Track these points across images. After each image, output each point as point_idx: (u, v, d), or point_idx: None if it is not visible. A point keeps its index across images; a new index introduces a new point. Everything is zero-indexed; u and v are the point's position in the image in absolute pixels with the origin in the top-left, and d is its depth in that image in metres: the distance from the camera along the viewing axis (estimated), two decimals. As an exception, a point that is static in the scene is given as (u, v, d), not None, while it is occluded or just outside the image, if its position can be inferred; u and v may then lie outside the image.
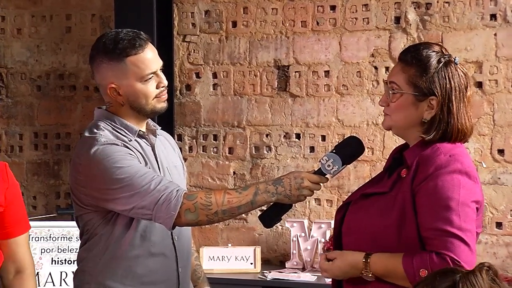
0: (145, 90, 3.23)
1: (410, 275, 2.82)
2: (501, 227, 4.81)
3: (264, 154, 5.33)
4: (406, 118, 3.01)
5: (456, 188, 2.88)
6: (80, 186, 3.25)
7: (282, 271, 4.99)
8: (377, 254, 2.91)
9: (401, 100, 3.00)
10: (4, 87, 5.84)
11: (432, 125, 2.98)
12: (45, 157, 5.83)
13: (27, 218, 3.38)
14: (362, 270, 2.92)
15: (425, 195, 2.90)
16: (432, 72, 2.97)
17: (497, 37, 4.81)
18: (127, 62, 3.21)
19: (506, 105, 4.80)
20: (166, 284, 3.31)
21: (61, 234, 5.02)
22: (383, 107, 3.11)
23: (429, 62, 2.99)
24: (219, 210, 3.08)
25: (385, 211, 2.98)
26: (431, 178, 2.90)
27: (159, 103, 3.27)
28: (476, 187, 2.96)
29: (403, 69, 3.00)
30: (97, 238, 3.26)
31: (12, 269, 3.30)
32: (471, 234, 2.87)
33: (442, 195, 2.87)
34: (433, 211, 2.87)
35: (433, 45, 3.08)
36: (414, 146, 3.03)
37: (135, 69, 3.22)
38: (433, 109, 2.97)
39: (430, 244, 2.86)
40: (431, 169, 2.91)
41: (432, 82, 2.96)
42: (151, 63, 3.24)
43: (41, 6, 5.77)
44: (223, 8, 5.36)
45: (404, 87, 2.98)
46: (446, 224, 2.84)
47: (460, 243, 2.83)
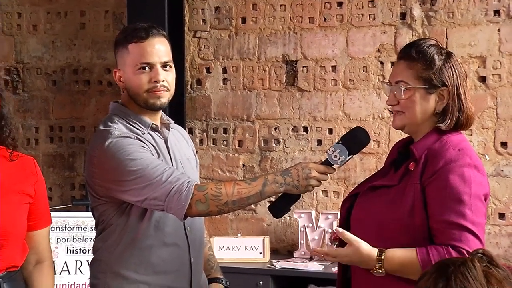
0: (136, 80, 3.21)
1: (425, 266, 2.79)
2: (504, 218, 4.82)
3: (272, 147, 5.34)
4: (420, 112, 3.02)
5: (468, 182, 2.89)
6: (95, 178, 3.26)
7: (290, 261, 5.00)
8: (391, 251, 2.89)
9: (413, 95, 3.00)
10: (21, 82, 5.86)
11: (446, 114, 3.00)
12: (60, 149, 5.84)
13: (49, 213, 3.41)
14: (375, 266, 2.91)
15: (436, 189, 2.91)
16: (439, 64, 2.99)
17: (501, 33, 4.81)
18: (129, 48, 3.23)
19: (509, 99, 4.80)
20: (179, 273, 3.32)
21: (76, 224, 5.04)
22: (388, 106, 3.13)
23: (433, 56, 3.01)
24: (229, 201, 3.08)
25: (394, 204, 2.99)
26: (442, 172, 2.91)
27: (151, 98, 3.23)
28: (484, 180, 2.98)
29: (408, 66, 3.01)
30: (112, 229, 3.27)
31: (33, 259, 3.32)
32: (482, 228, 2.90)
33: (454, 189, 2.88)
34: (446, 204, 2.88)
35: (428, 39, 3.13)
36: (421, 140, 3.04)
37: (132, 56, 3.22)
38: (444, 100, 3.00)
39: (441, 237, 2.87)
40: (441, 162, 2.92)
41: (442, 74, 2.99)
42: (149, 55, 3.21)
43: (56, 3, 5.79)
44: (232, 4, 5.37)
45: (413, 82, 2.99)
46: (460, 217, 2.85)
47: (473, 237, 2.84)
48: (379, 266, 2.89)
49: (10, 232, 3.15)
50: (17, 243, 3.21)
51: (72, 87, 5.81)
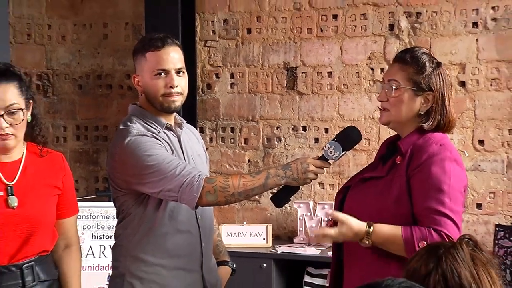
0: (153, 85, 3.22)
1: (408, 244, 2.84)
2: (481, 208, 4.82)
3: (275, 144, 5.33)
4: (405, 111, 3.04)
5: (448, 173, 2.91)
6: (116, 172, 3.27)
7: (290, 246, 5.00)
8: (379, 225, 2.91)
9: (401, 95, 3.02)
10: (51, 86, 5.87)
11: (429, 116, 3.03)
12: (85, 146, 5.85)
13: (76, 203, 3.41)
14: (363, 237, 2.92)
15: (420, 179, 2.93)
16: (429, 71, 3.02)
17: (478, 42, 4.81)
18: (146, 55, 3.23)
19: (485, 102, 4.79)
20: (191, 257, 3.32)
21: (99, 213, 5.04)
22: (378, 103, 3.14)
23: (424, 62, 3.03)
24: (235, 192, 3.09)
25: (382, 194, 3.01)
26: (425, 164, 2.93)
27: (166, 102, 3.23)
28: (463, 173, 3.02)
29: (401, 68, 3.04)
30: (131, 217, 3.28)
31: (62, 244, 3.33)
32: (459, 215, 2.92)
33: (436, 179, 2.90)
34: (428, 193, 2.90)
35: (422, 48, 3.15)
36: (407, 137, 3.05)
37: (150, 64, 3.23)
38: (428, 103, 3.02)
39: (423, 222, 2.89)
40: (425, 156, 2.95)
41: (430, 79, 3.03)
42: (165, 62, 3.22)
43: (82, 16, 5.79)
44: (239, 17, 5.37)
45: (404, 83, 3.02)
46: (439, 205, 2.87)
47: (451, 222, 2.87)
48: (366, 237, 2.90)
49: (41, 221, 3.16)
50: (47, 230, 3.21)
51: (96, 90, 5.81)
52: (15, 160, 3.16)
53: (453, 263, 2.11)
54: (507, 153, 4.77)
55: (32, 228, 3.12)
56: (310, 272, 4.81)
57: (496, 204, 4.80)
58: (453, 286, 2.09)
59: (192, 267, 3.32)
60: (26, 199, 3.11)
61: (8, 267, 3.08)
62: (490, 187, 4.81)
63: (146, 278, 3.27)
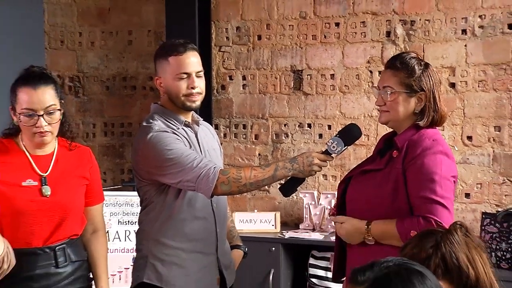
0: (176, 86, 3.24)
1: (402, 235, 2.85)
2: (469, 197, 4.79)
3: (282, 140, 5.31)
4: (401, 112, 3.05)
5: (439, 165, 2.92)
6: (139, 164, 3.27)
7: (297, 231, 4.98)
8: (376, 221, 2.95)
9: (397, 98, 3.03)
10: (81, 88, 5.86)
11: (423, 114, 3.04)
12: (112, 141, 5.84)
13: (102, 192, 3.44)
14: (365, 235, 2.97)
15: (414, 171, 2.94)
16: (419, 73, 3.03)
17: (467, 48, 4.77)
18: (169, 60, 3.24)
19: (473, 101, 4.76)
20: (207, 241, 3.32)
21: (125, 201, 5.04)
22: (377, 106, 3.17)
23: (413, 66, 3.04)
24: (247, 183, 3.10)
25: (381, 184, 3.02)
26: (418, 157, 2.94)
27: (188, 102, 3.25)
28: (453, 164, 3.02)
29: (393, 74, 3.06)
30: (153, 205, 3.28)
31: (90, 229, 3.34)
32: (450, 201, 2.92)
33: (428, 171, 2.91)
34: (421, 183, 2.91)
35: (410, 53, 3.18)
36: (403, 133, 3.06)
37: (173, 67, 3.23)
38: (422, 102, 3.04)
39: (417, 209, 2.90)
40: (419, 150, 2.96)
41: (420, 81, 3.04)
42: (187, 65, 3.23)
43: (109, 24, 5.78)
44: (250, 25, 5.35)
45: (397, 87, 3.04)
46: (431, 193, 2.88)
47: (442, 208, 2.88)
48: (368, 234, 2.95)
49: (71, 208, 3.18)
50: (77, 216, 3.23)
51: (122, 91, 5.81)
52: (48, 153, 3.18)
53: (451, 247, 2.11)
54: (493, 148, 4.74)
55: (63, 215, 3.14)
56: (314, 255, 4.79)
57: (483, 194, 4.78)
58: (452, 268, 2.09)
59: (208, 250, 3.32)
60: (58, 188, 3.13)
61: (43, 249, 3.10)
62: (477, 178, 4.78)
63: (166, 260, 3.27)
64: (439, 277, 2.05)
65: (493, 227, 4.31)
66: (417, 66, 3.03)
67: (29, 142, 3.12)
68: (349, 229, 3.04)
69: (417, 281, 1.61)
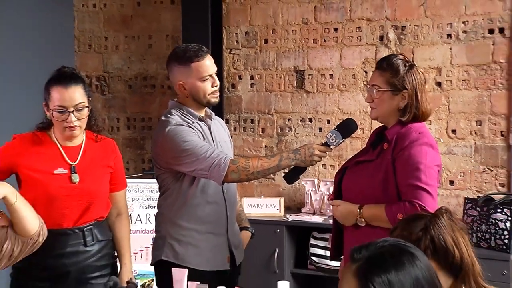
0: (203, 87, 3.25)
1: (390, 218, 2.86)
2: (453, 184, 4.78)
3: (286, 133, 5.31)
4: (387, 108, 3.05)
5: (424, 155, 2.92)
6: (158, 155, 3.28)
7: (299, 215, 4.98)
8: (367, 206, 2.96)
9: (382, 96, 3.03)
10: (107, 86, 5.86)
11: (406, 110, 3.04)
12: (134, 134, 5.84)
13: (125, 179, 3.45)
14: (357, 217, 2.97)
15: (402, 161, 2.94)
16: (402, 73, 3.03)
17: (452, 50, 4.76)
18: (191, 66, 3.23)
19: (457, 99, 4.76)
20: (218, 223, 3.33)
21: (145, 188, 5.05)
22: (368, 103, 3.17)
23: (398, 67, 3.05)
24: (254, 171, 3.11)
25: (373, 174, 3.02)
26: (406, 149, 2.95)
27: (212, 98, 3.29)
28: (437, 155, 3.02)
29: (380, 74, 3.07)
30: (170, 191, 3.29)
31: (114, 212, 3.36)
32: (434, 188, 2.92)
33: (414, 160, 2.91)
34: (407, 172, 2.91)
35: (398, 55, 3.17)
36: (392, 127, 3.07)
37: (197, 72, 3.23)
38: (405, 100, 3.03)
39: (404, 195, 2.91)
40: (406, 142, 2.97)
41: (403, 81, 3.04)
42: (208, 68, 3.25)
43: (132, 30, 5.78)
44: (257, 30, 5.34)
45: (383, 86, 3.04)
46: (416, 180, 2.88)
47: (426, 194, 2.88)
48: (360, 217, 2.96)
49: (97, 194, 3.19)
50: (103, 201, 3.24)
51: (142, 90, 5.80)
52: (77, 145, 3.19)
53: (439, 230, 2.12)
54: (474, 140, 4.73)
55: (90, 199, 3.15)
56: (315, 236, 4.79)
57: (465, 181, 4.77)
58: (440, 249, 2.11)
59: (219, 231, 3.33)
60: (85, 176, 3.14)
61: (73, 229, 3.13)
62: (460, 167, 4.77)
63: (182, 240, 3.28)
64: (428, 257, 2.02)
65: (474, 210, 4.31)
66: (402, 67, 3.03)
67: (60, 135, 3.13)
68: (343, 212, 3.05)
69: (407, 261, 1.60)
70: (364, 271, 1.59)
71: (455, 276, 2.12)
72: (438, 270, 2.05)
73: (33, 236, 2.72)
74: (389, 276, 1.56)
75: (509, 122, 4.63)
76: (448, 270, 2.12)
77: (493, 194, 4.43)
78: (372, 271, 1.57)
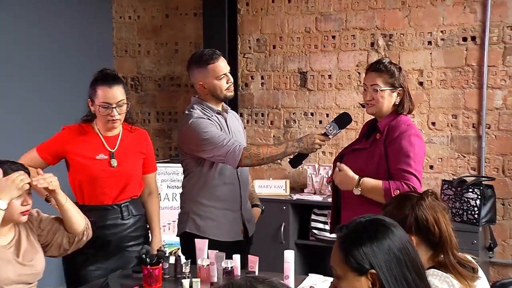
0: (219, 84, 3.25)
1: (386, 191, 2.84)
2: (432, 168, 4.77)
3: (291, 125, 5.30)
4: (386, 104, 3.04)
5: (413, 144, 2.93)
6: (182, 143, 3.29)
7: (302, 194, 4.98)
8: (366, 179, 2.92)
9: (383, 93, 3.02)
10: (140, 85, 5.87)
11: (403, 104, 3.05)
12: (162, 126, 5.85)
13: (155, 163, 3.46)
14: (354, 185, 2.93)
15: (393, 149, 2.94)
16: (397, 74, 3.03)
17: (432, 55, 4.74)
18: (208, 68, 3.22)
19: (436, 96, 4.75)
20: (233, 201, 3.34)
21: (172, 171, 5.07)
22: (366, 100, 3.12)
23: (392, 69, 3.04)
24: (264, 157, 3.12)
25: (367, 160, 3.02)
26: (397, 139, 2.96)
27: (228, 93, 3.29)
28: (423, 144, 3.03)
29: (378, 75, 3.06)
30: (193, 174, 3.30)
31: (147, 192, 3.37)
32: (420, 173, 2.93)
33: (405, 148, 2.91)
34: (399, 158, 2.91)
35: (385, 58, 3.17)
36: (384, 120, 3.07)
37: (213, 72, 3.23)
38: (401, 96, 3.05)
39: (396, 178, 2.90)
40: (397, 133, 2.98)
41: (399, 80, 3.05)
42: (223, 68, 3.25)
43: (161, 37, 5.78)
44: (267, 37, 5.32)
45: (383, 85, 3.05)
46: (407, 166, 2.89)
47: (415, 178, 2.91)
48: (356, 187, 2.92)
49: (132, 176, 3.22)
50: (137, 182, 3.26)
51: (170, 88, 5.81)
52: (115, 134, 3.21)
53: (422, 211, 2.13)
54: (451, 131, 4.72)
55: (126, 181, 3.17)
56: (315, 212, 4.79)
57: (443, 166, 4.77)
58: (422, 227, 2.12)
59: (234, 208, 3.34)
60: (122, 161, 3.16)
61: (112, 205, 3.15)
62: (438, 154, 4.76)
63: (203, 215, 3.29)
64: (412, 233, 2.09)
65: (450, 190, 4.33)
66: (396, 69, 3.04)
67: (102, 126, 3.15)
68: (342, 176, 2.98)
69: (381, 233, 1.64)
70: (345, 245, 1.64)
71: (434, 249, 2.14)
72: (420, 243, 2.11)
73: (78, 234, 2.82)
74: (364, 248, 1.60)
75: (480, 116, 4.62)
76: (429, 244, 2.13)
77: (466, 176, 4.44)
78: (350, 245, 1.63)
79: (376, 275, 1.58)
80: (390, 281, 1.58)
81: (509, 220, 4.60)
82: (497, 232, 4.54)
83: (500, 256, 4.62)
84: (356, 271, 1.61)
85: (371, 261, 1.59)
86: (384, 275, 1.58)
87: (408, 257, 1.62)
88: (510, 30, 4.52)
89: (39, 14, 4.89)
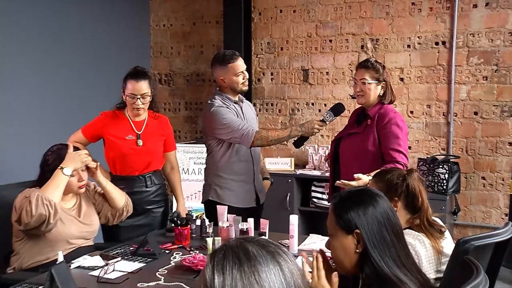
0: (237, 80, 3.21)
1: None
2: (410, 149, 4.73)
3: (296, 113, 5.26)
4: (373, 95, 3.00)
5: (401, 128, 2.92)
6: (205, 127, 3.28)
7: (304, 170, 4.95)
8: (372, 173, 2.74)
9: (370, 87, 2.99)
10: (172, 81, 5.84)
11: (386, 95, 3.02)
12: (190, 114, 5.82)
13: (175, 143, 3.43)
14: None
15: (385, 133, 2.92)
16: (381, 71, 2.99)
17: (411, 56, 4.69)
18: (228, 66, 3.19)
19: (414, 89, 4.71)
20: (248, 175, 3.34)
21: (198, 150, 5.04)
22: (354, 91, 3.09)
23: (378, 66, 3.00)
24: (272, 139, 3.10)
25: (362, 143, 2.99)
26: (387, 124, 2.94)
27: (243, 87, 3.26)
28: (407, 128, 3.00)
29: (366, 71, 3.03)
30: (214, 152, 3.28)
31: (169, 167, 3.39)
32: (407, 152, 2.91)
33: (394, 133, 2.89)
34: (390, 140, 2.89)
35: (372, 58, 3.18)
36: (372, 108, 3.04)
37: (232, 70, 3.20)
38: (384, 88, 3.02)
39: (387, 157, 2.89)
40: (386, 119, 2.97)
41: (383, 75, 3.01)
42: (240, 67, 3.21)
43: (189, 41, 5.73)
44: (276, 41, 5.26)
45: (370, 80, 3.01)
46: (398, 146, 2.88)
47: (404, 156, 2.90)
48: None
49: (154, 153, 3.23)
50: (159, 158, 3.28)
51: (196, 83, 5.77)
52: (142, 120, 3.21)
53: (413, 181, 2.15)
54: (425, 119, 4.69)
55: (150, 157, 3.19)
56: (315, 184, 4.78)
57: (419, 146, 4.74)
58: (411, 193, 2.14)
59: (248, 180, 3.33)
60: (147, 141, 3.17)
61: (138, 176, 3.18)
62: (415, 137, 4.73)
63: (223, 186, 3.28)
64: (400, 197, 2.12)
65: (424, 167, 4.34)
66: (380, 66, 3.02)
67: (131, 112, 3.17)
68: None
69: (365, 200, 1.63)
70: (337, 210, 1.65)
71: (413, 213, 2.15)
72: (403, 207, 2.13)
73: (119, 210, 2.90)
74: (351, 212, 1.61)
75: (449, 106, 4.58)
76: (410, 209, 2.14)
77: (437, 155, 4.44)
78: (341, 209, 1.64)
79: (360, 234, 1.60)
80: (371, 239, 1.58)
81: (470, 190, 4.60)
82: (460, 200, 4.56)
83: (462, 218, 4.64)
84: (344, 230, 1.62)
85: (357, 222, 1.60)
86: (366, 234, 1.59)
87: (388, 222, 1.62)
88: (472, 36, 4.49)
89: (93, 23, 4.88)
